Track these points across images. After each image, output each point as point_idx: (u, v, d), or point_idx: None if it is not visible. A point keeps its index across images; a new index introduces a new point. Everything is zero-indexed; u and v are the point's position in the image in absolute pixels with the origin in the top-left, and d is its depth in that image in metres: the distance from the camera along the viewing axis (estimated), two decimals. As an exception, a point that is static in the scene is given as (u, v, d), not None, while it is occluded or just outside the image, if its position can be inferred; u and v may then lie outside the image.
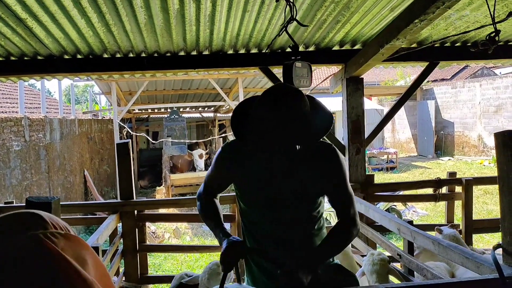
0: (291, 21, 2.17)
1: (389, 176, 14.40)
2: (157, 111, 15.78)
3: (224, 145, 1.91)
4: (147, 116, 17.25)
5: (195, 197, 2.11)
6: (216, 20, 3.01)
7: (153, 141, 11.46)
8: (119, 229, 3.62)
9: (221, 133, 14.21)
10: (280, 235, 1.78)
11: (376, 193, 3.77)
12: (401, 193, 4.44)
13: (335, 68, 4.32)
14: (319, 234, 1.86)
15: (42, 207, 1.54)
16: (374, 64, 3.41)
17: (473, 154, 16.45)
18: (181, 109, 14.61)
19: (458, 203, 4.09)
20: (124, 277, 3.55)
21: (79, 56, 3.61)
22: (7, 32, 3.03)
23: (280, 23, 3.14)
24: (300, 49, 3.78)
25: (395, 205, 8.19)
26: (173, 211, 8.28)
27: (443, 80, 22.65)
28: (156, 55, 3.68)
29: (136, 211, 3.52)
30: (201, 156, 13.32)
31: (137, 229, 3.57)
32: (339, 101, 4.68)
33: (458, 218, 4.18)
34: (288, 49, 3.75)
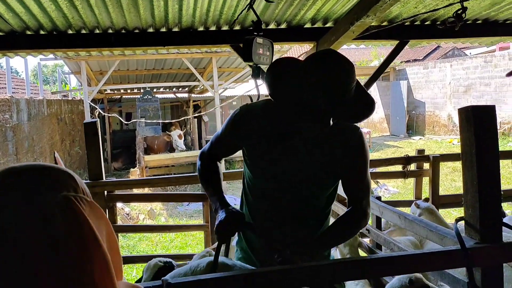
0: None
1: (362, 155, 14.60)
2: (130, 91, 15.46)
3: (242, 107, 1.73)
4: (119, 97, 16.89)
5: (167, 176, 2.09)
6: (185, -5, 2.94)
7: (125, 122, 11.25)
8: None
9: (195, 114, 14.07)
10: (281, 215, 1.70)
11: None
12: (371, 170, 4.52)
13: (306, 46, 4.31)
14: (323, 224, 1.77)
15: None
16: (345, 41, 3.41)
17: (443, 133, 16.87)
18: (154, 90, 14.36)
19: (426, 180, 4.21)
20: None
21: (42, 32, 3.46)
22: (-38, 6, 2.88)
23: (251, -1, 3.08)
24: (271, 26, 3.75)
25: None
26: (148, 192, 8.21)
27: (415, 60, 23.00)
28: (123, 31, 3.57)
29: (106, 192, 3.47)
30: (180, 136, 13.20)
31: (107, 210, 3.52)
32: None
33: (426, 195, 4.31)
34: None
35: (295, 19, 3.61)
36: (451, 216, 7.04)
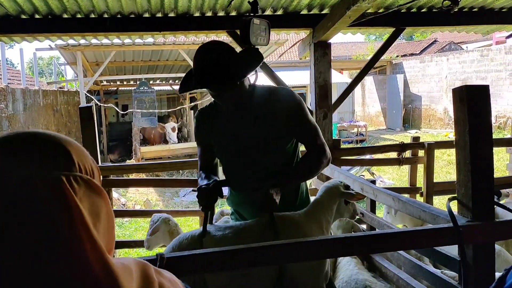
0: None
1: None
2: (126, 83, 15.39)
3: (196, 115, 2.03)
4: (115, 89, 16.80)
5: (162, 162, 2.19)
6: (181, -22, 2.93)
7: (122, 112, 11.21)
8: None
9: (191, 104, 14.05)
10: (254, 183, 1.86)
11: (342, 157, 3.84)
12: (367, 157, 4.55)
13: (303, 34, 4.30)
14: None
15: None
16: (341, 27, 3.41)
17: (439, 127, 16.92)
18: (151, 81, 14.30)
19: (421, 170, 4.22)
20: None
21: (37, 16, 3.45)
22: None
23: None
24: (268, 12, 3.74)
25: (363, 175, 8.39)
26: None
27: (412, 54, 23.00)
28: (119, 16, 3.56)
29: (101, 177, 3.46)
30: (173, 129, 13.19)
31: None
32: (308, 74, 4.67)
33: (420, 183, 4.33)
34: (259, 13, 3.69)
35: (291, 5, 3.60)
36: (445, 204, 7.07)
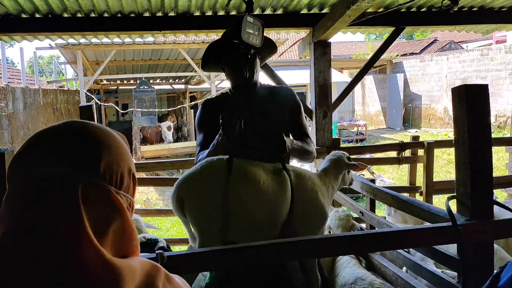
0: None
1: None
2: (126, 82, 15.40)
3: (203, 103, 2.12)
4: (115, 88, 16.81)
5: (162, 161, 2.19)
6: (181, -23, 2.93)
7: (122, 111, 11.21)
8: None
9: (191, 103, 14.05)
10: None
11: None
12: (367, 156, 4.55)
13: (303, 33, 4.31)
14: None
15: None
16: (341, 27, 3.41)
17: (439, 126, 16.92)
18: (151, 81, 14.30)
19: (420, 169, 4.23)
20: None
21: (37, 15, 3.45)
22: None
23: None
24: (267, 12, 3.75)
25: (363, 174, 8.39)
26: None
27: (412, 54, 22.99)
28: (119, 15, 3.56)
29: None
30: (169, 128, 13.20)
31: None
32: (308, 73, 4.68)
33: (420, 182, 4.33)
34: (257, 12, 3.70)
35: (291, 4, 3.61)
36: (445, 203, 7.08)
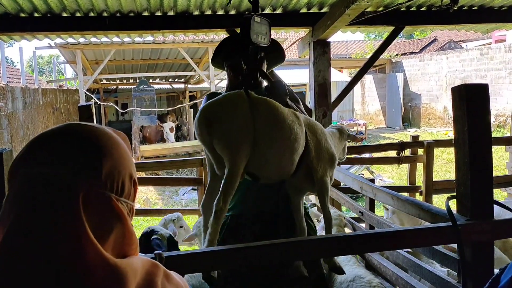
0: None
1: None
2: (125, 82, 15.39)
3: (208, 94, 2.10)
4: (115, 87, 16.80)
5: (161, 160, 2.17)
6: (180, -24, 2.92)
7: (121, 111, 11.20)
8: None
9: (191, 103, 14.03)
10: None
11: (341, 156, 3.83)
12: (367, 155, 4.54)
13: (302, 32, 4.30)
14: None
15: (-8, 157, 1.49)
16: (341, 26, 3.41)
17: (438, 125, 16.92)
18: (150, 80, 14.29)
19: (420, 168, 4.22)
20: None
21: (36, 15, 3.44)
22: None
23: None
24: (267, 11, 3.74)
25: (363, 174, 8.38)
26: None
27: (412, 53, 22.98)
28: (118, 15, 3.55)
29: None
30: (171, 129, 13.20)
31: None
32: (307, 73, 4.67)
33: (420, 182, 4.33)
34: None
35: (291, 3, 3.60)
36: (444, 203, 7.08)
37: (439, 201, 6.34)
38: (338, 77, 16.95)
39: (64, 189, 0.62)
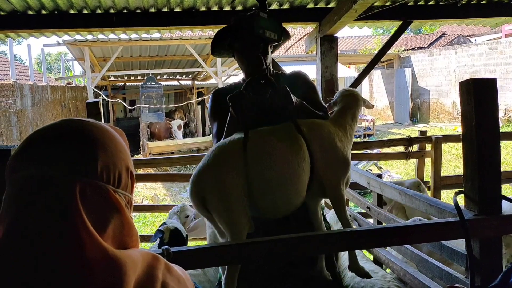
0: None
1: (366, 142, 14.62)
2: (133, 78, 15.45)
3: (213, 92, 2.05)
4: (123, 84, 16.88)
5: (169, 156, 2.15)
6: (186, -28, 2.92)
7: (129, 107, 11.25)
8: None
9: (199, 99, 14.06)
10: None
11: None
12: (374, 151, 4.53)
13: (310, 28, 4.28)
14: None
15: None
16: (348, 21, 3.39)
17: (447, 120, 16.79)
18: (158, 77, 14.33)
19: (428, 163, 4.20)
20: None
21: (44, 12, 3.47)
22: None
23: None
24: (274, 6, 3.73)
25: (371, 169, 8.36)
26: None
27: (420, 48, 22.79)
28: (125, 11, 3.57)
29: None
30: (179, 127, 13.28)
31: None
32: (315, 68, 4.65)
33: (428, 177, 4.31)
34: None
35: (297, -2, 3.59)
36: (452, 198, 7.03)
37: (447, 196, 6.30)
38: (346, 72, 16.87)
39: (60, 186, 0.63)
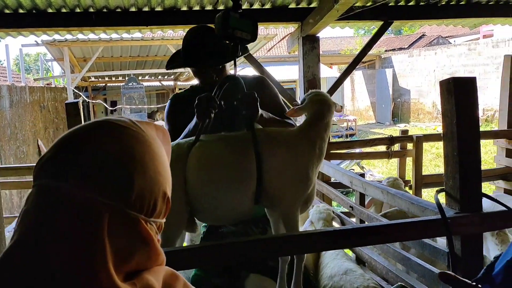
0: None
1: (348, 142, 14.74)
2: (114, 79, 15.25)
3: (171, 97, 2.02)
4: (104, 85, 16.66)
5: None
6: (167, -29, 2.89)
7: (111, 108, 11.10)
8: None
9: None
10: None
11: (331, 151, 3.84)
12: (357, 150, 4.56)
13: (292, 28, 4.29)
14: None
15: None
16: (329, 21, 3.40)
17: (427, 120, 17.06)
18: (139, 77, 14.19)
19: (409, 163, 4.26)
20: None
21: (21, 11, 3.38)
22: None
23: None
24: (255, 6, 3.72)
25: (353, 169, 8.42)
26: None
27: (401, 49, 23.10)
28: (105, 10, 3.51)
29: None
30: (162, 126, 13.15)
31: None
32: (297, 69, 4.65)
33: (409, 176, 4.36)
34: (245, 6, 3.67)
35: (279, -2, 3.58)
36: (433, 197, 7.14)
37: (428, 195, 6.40)
38: (328, 73, 16.98)
39: (86, 212, 0.55)
